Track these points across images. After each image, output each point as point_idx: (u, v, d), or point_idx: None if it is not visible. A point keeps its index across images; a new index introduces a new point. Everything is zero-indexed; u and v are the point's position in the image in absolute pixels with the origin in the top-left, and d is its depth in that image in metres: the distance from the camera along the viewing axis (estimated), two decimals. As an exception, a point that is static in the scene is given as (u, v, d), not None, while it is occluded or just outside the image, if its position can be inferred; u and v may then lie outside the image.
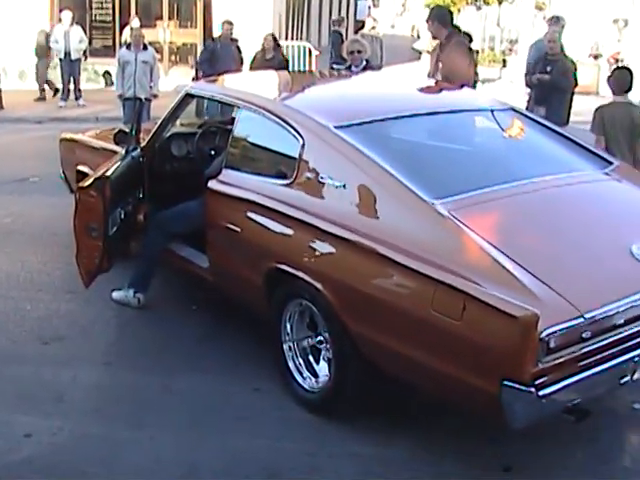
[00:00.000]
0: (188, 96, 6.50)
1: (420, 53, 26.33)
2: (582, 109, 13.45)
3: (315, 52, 19.50)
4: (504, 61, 28.25)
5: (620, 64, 20.44)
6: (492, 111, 5.95)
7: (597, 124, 7.68)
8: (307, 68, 18.97)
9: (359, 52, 9.33)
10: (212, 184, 5.69)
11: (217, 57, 13.62)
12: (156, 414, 5.05)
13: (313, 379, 5.08)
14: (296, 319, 5.13)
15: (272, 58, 13.29)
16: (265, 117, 5.54)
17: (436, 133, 5.80)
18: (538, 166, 5.37)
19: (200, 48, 19.71)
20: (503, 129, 5.85)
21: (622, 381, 4.28)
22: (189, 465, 4.53)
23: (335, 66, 14.77)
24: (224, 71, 10.80)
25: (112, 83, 19.73)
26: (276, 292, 5.16)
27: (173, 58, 23.22)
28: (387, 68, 16.03)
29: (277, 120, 5.41)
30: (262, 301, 5.30)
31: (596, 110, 7.85)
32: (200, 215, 5.81)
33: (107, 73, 20.58)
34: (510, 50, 30.93)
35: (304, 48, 19.80)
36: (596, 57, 23.30)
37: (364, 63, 9.24)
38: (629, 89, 7.84)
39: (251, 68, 13.27)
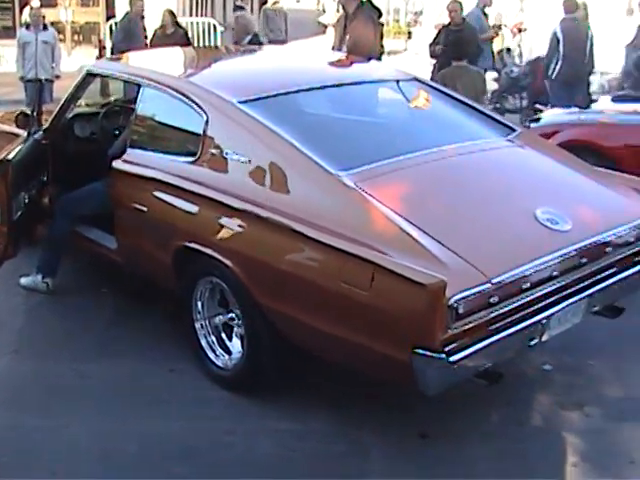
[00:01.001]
0: (89, 75, 6.37)
1: (326, 27, 26.30)
2: (486, 78, 13.60)
3: (220, 28, 19.32)
4: (409, 33, 28.38)
5: (523, 34, 20.78)
6: (397, 82, 5.97)
7: None
8: (212, 44, 18.80)
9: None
10: (116, 164, 5.60)
11: (132, 35, 13.38)
12: (68, 401, 4.96)
13: (226, 356, 5.05)
14: (207, 297, 5.08)
15: (172, 33, 13.11)
16: (168, 94, 5.47)
17: (341, 105, 5.79)
18: (443, 135, 5.42)
19: (103, 27, 19.42)
20: (408, 99, 5.89)
21: (531, 343, 4.35)
22: (104, 450, 4.47)
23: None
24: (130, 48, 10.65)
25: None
26: (185, 270, 5.11)
27: (76, 38, 22.83)
28: (292, 42, 15.99)
29: (180, 97, 5.34)
30: (172, 280, 5.25)
31: (439, 75, 8.84)
32: (106, 196, 5.72)
33: None
34: (415, 22, 31.07)
35: (209, 24, 19.61)
36: (499, 27, 23.53)
37: (248, 37, 9.22)
38: (465, 55, 8.88)
39: (151, 45, 13.08)
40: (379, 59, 9.15)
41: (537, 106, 13.20)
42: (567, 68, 11.83)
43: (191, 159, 5.11)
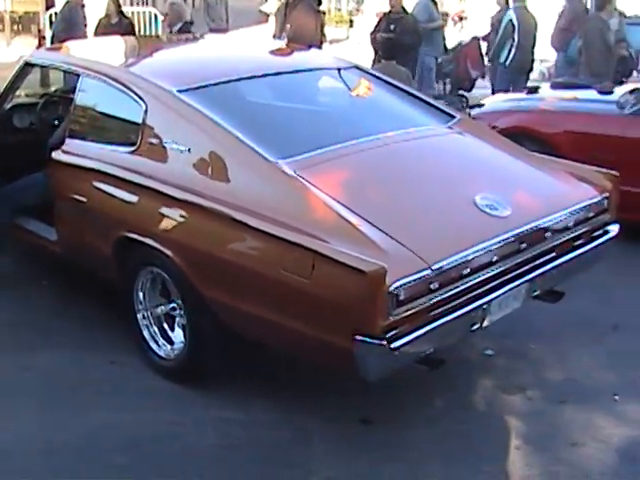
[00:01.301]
0: (28, 65, 6.30)
1: (268, 15, 26.15)
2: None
3: (161, 17, 19.15)
4: (351, 21, 28.28)
5: (464, 22, 20.99)
6: (337, 70, 5.98)
7: None
8: (154, 33, 18.66)
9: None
10: (55, 154, 5.54)
11: (73, 24, 13.21)
12: (11, 394, 4.90)
13: (169, 346, 5.02)
14: (148, 287, 5.05)
15: (117, 23, 13.00)
16: (107, 84, 5.42)
17: (282, 93, 5.79)
18: (383, 122, 5.42)
19: (43, 17, 19.15)
20: (349, 87, 5.89)
21: (473, 328, 4.38)
22: (49, 443, 4.42)
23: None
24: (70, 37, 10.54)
25: None
26: (126, 261, 5.07)
27: (15, 28, 22.51)
28: (234, 31, 15.90)
29: (119, 86, 5.30)
30: (113, 271, 5.21)
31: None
32: (46, 187, 5.66)
33: None
34: (357, 10, 30.97)
35: (150, 13, 19.45)
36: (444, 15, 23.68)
37: (179, 25, 9.29)
38: (395, 57, 9.46)
39: (96, 34, 12.96)
40: (320, 48, 9.17)
41: (460, 92, 13.39)
42: (520, 55, 12.01)
43: (131, 149, 5.07)
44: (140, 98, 5.09)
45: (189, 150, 4.74)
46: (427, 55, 12.98)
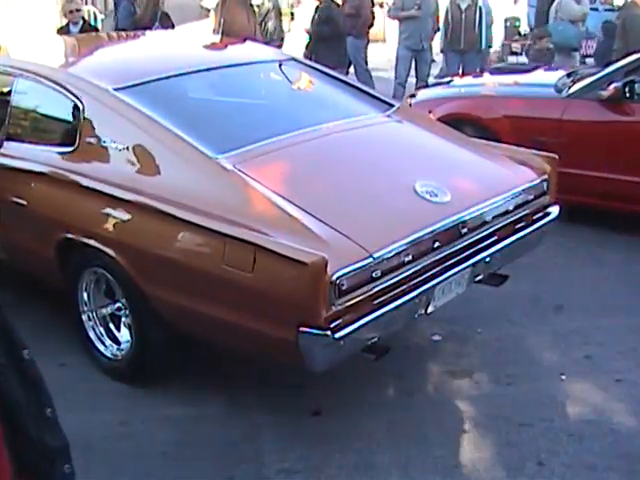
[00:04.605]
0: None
1: (209, 11, 25.99)
2: (372, 56, 13.72)
3: (101, 16, 19.04)
4: (292, 14, 28.16)
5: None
6: (274, 62, 5.98)
7: None
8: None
9: (77, 10, 9.68)
10: (-7, 158, 5.48)
11: None
12: (-43, 401, 4.86)
13: (115, 347, 5.00)
14: (92, 288, 5.01)
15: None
16: (43, 85, 5.37)
17: (220, 88, 5.77)
18: (322, 113, 5.45)
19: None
20: (287, 80, 5.90)
21: (416, 315, 4.41)
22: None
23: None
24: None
25: None
26: (69, 263, 5.03)
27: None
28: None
29: (56, 87, 5.25)
30: (56, 274, 5.17)
31: None
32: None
33: None
34: (298, 2, 30.88)
35: (89, 12, 19.29)
36: (381, 5, 23.69)
37: (81, 21, 9.41)
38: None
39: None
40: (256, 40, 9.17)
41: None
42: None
43: (69, 149, 5.03)
44: (77, 98, 5.05)
45: (128, 149, 4.72)
46: (400, 45, 12.83)
